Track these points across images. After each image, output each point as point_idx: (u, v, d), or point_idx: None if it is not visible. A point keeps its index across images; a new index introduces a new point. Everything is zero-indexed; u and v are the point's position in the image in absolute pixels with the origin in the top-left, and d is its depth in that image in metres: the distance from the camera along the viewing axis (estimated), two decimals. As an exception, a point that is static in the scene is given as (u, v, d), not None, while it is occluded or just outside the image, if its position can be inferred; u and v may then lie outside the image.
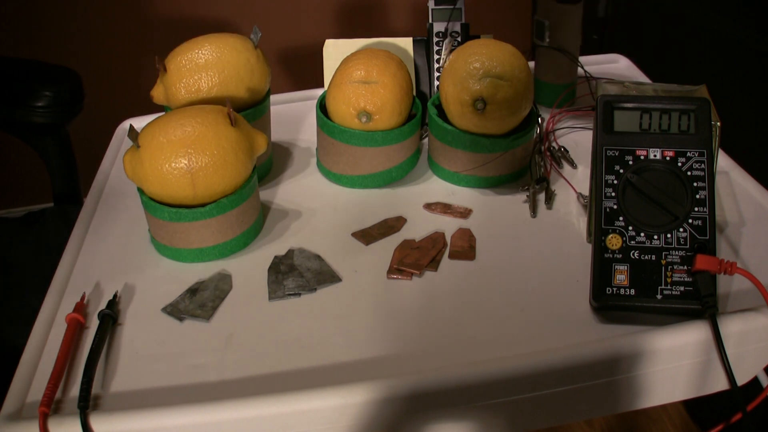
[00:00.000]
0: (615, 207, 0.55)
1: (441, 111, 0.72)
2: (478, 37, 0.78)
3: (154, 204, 0.62)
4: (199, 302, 0.59)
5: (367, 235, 0.66)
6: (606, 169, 0.55)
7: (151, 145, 0.60)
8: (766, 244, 0.61)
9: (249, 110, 0.71)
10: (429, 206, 0.69)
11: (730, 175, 0.70)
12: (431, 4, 0.79)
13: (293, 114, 0.88)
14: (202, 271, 0.63)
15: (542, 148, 0.76)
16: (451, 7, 0.79)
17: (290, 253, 0.64)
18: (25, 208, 1.80)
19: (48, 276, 0.64)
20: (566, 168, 0.74)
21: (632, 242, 0.54)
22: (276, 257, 0.63)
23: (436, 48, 0.80)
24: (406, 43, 0.83)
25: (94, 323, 0.57)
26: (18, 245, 0.87)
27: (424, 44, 0.82)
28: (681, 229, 0.53)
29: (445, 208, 0.69)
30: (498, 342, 0.53)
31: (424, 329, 0.55)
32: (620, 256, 0.54)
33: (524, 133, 0.70)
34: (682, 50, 1.26)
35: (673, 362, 0.52)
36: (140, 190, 0.63)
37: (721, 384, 0.53)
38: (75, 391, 0.51)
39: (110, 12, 1.67)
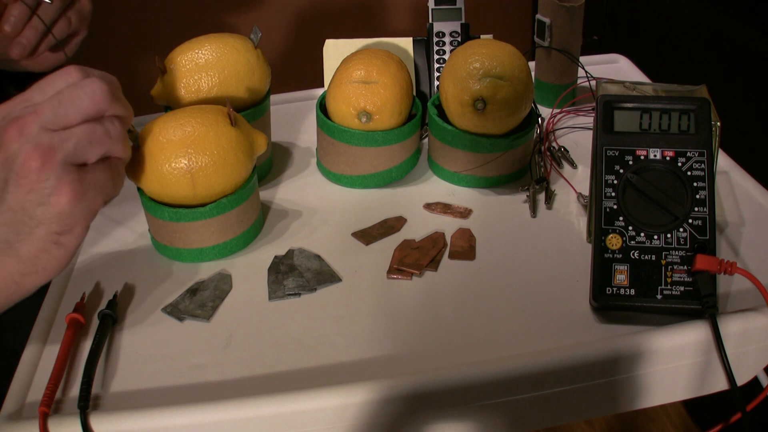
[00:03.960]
0: (615, 207, 0.55)
1: (441, 111, 0.72)
2: (478, 37, 0.78)
3: (154, 204, 0.62)
4: (199, 302, 0.59)
5: (367, 235, 0.66)
6: (606, 169, 0.55)
7: (151, 145, 0.60)
8: (766, 244, 0.61)
9: (249, 110, 0.71)
10: (429, 206, 0.69)
11: (730, 175, 0.70)
12: (431, 4, 0.79)
13: (293, 114, 0.88)
14: (202, 271, 0.63)
15: (542, 148, 0.76)
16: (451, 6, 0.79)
17: (290, 253, 0.64)
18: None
19: None
20: (566, 168, 0.74)
21: (632, 242, 0.54)
22: (276, 257, 0.63)
23: (436, 48, 0.80)
24: (406, 43, 0.83)
25: (94, 323, 0.57)
26: None
27: (424, 44, 0.82)
28: (681, 229, 0.53)
29: (445, 208, 0.69)
30: (498, 342, 0.53)
31: (424, 329, 0.55)
32: (620, 256, 0.54)
33: (524, 133, 0.70)
34: (682, 50, 1.26)
35: (673, 362, 0.52)
36: (140, 190, 0.63)
37: (721, 384, 0.53)
38: (75, 391, 0.51)
39: (110, 12, 1.67)
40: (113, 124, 0.50)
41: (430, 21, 0.80)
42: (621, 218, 0.54)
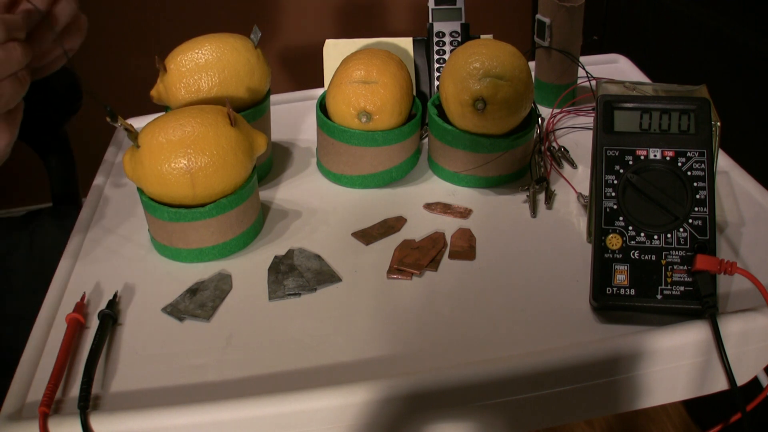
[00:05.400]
0: (615, 207, 0.55)
1: (441, 111, 0.72)
2: (478, 37, 0.78)
3: (153, 204, 0.62)
4: (199, 302, 0.59)
5: (367, 235, 0.66)
6: (606, 169, 0.55)
7: (150, 145, 0.60)
8: (766, 244, 0.61)
9: (249, 110, 0.71)
10: (429, 206, 0.69)
11: (730, 175, 0.70)
12: (431, 4, 0.79)
13: (293, 114, 0.88)
14: (202, 271, 0.63)
15: (542, 148, 0.76)
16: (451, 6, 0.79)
17: (290, 253, 0.64)
18: (24, 208, 1.81)
19: (40, 276, 0.63)
20: (566, 168, 0.74)
21: (632, 242, 0.54)
22: (276, 257, 0.63)
23: (436, 48, 0.80)
24: (406, 43, 0.83)
25: (94, 323, 0.57)
26: (13, 245, 0.87)
27: (424, 44, 0.82)
28: (681, 229, 0.53)
29: (445, 208, 0.69)
30: (498, 342, 0.53)
31: (424, 329, 0.55)
32: (620, 256, 0.54)
33: (524, 133, 0.70)
34: (682, 50, 1.26)
35: (673, 362, 0.52)
36: (140, 190, 0.63)
37: (721, 384, 0.53)
38: (75, 391, 0.51)
39: (110, 11, 1.67)
40: (15, 49, 0.56)
41: (430, 21, 0.80)
42: (621, 218, 0.54)
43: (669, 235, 0.54)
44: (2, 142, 0.59)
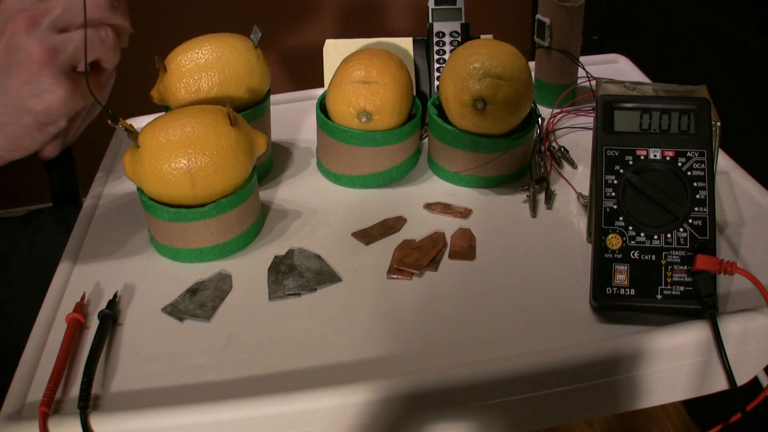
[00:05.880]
0: (615, 207, 0.55)
1: (441, 111, 0.72)
2: (478, 37, 0.78)
3: (153, 204, 0.62)
4: (199, 302, 0.59)
5: (367, 235, 0.66)
6: (606, 169, 0.55)
7: (150, 145, 0.60)
8: (766, 244, 0.61)
9: (249, 110, 0.71)
10: (429, 206, 0.69)
11: (730, 175, 0.70)
12: (431, 4, 0.79)
13: (293, 114, 0.88)
14: (202, 271, 0.63)
15: (542, 148, 0.76)
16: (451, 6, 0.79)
17: (290, 253, 0.64)
18: (24, 208, 1.81)
19: (41, 276, 0.63)
20: (566, 168, 0.74)
21: (632, 242, 0.54)
22: (276, 257, 0.63)
23: (436, 48, 0.80)
24: (406, 43, 0.83)
25: (94, 323, 0.57)
26: (13, 245, 0.87)
27: (424, 44, 0.82)
28: (681, 229, 0.53)
29: (445, 208, 0.69)
30: (498, 342, 0.53)
31: (424, 329, 0.55)
32: (620, 256, 0.54)
33: (524, 133, 0.70)
34: (682, 50, 1.26)
35: (673, 362, 0.52)
36: (140, 190, 0.63)
37: (721, 384, 0.53)
38: (75, 391, 0.51)
39: (110, 12, 1.67)
40: (108, 33, 0.54)
41: (430, 21, 0.80)
42: (621, 218, 0.54)
43: (669, 235, 0.54)
44: (54, 96, 0.51)
